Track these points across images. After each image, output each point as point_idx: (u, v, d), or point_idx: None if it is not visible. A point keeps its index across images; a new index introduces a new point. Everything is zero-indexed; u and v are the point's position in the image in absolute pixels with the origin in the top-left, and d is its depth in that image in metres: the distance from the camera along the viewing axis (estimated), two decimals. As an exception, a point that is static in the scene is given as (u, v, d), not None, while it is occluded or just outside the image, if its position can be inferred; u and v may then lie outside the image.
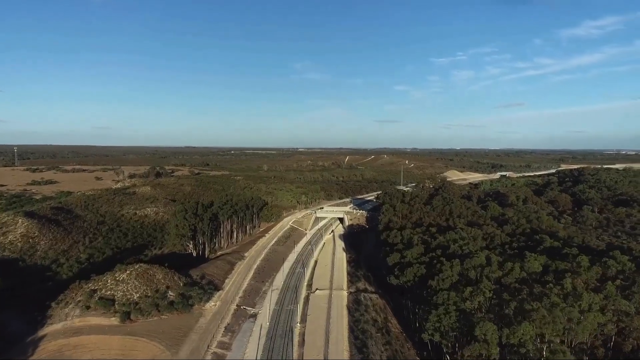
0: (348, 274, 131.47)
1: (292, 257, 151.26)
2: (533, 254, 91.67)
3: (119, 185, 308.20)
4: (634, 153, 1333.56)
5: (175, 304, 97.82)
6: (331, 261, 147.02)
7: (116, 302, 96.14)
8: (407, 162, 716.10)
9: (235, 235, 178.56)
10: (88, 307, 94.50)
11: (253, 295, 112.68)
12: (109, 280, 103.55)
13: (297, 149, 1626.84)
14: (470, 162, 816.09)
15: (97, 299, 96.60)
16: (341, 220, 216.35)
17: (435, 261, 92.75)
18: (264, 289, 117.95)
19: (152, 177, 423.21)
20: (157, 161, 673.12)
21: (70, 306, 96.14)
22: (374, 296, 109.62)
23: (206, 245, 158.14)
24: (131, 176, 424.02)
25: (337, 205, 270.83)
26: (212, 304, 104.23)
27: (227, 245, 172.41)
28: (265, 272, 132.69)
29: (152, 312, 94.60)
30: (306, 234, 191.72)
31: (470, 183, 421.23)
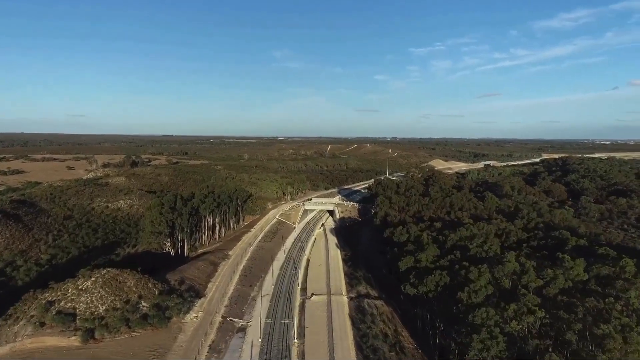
0: (345, 274, 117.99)
1: (281, 256, 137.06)
2: (565, 255, 79.35)
3: (90, 175, 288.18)
4: (609, 142, 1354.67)
5: (149, 318, 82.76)
6: (325, 259, 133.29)
7: (78, 317, 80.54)
8: (390, 151, 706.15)
9: (217, 231, 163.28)
10: (43, 324, 78.71)
11: (240, 303, 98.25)
12: (69, 290, 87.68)
13: (277, 137, 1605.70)
14: (452, 151, 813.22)
15: (54, 313, 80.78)
16: (331, 212, 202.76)
17: (457, 266, 79.71)
18: (252, 295, 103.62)
19: (128, 166, 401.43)
20: (133, 150, 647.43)
21: (21, 323, 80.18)
22: (378, 303, 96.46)
23: (186, 243, 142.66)
24: (105, 165, 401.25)
25: (325, 196, 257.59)
26: (194, 315, 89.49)
27: (209, 241, 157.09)
28: (253, 273, 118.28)
29: (122, 329, 79.38)
30: (295, 228, 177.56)
31: (457, 172, 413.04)
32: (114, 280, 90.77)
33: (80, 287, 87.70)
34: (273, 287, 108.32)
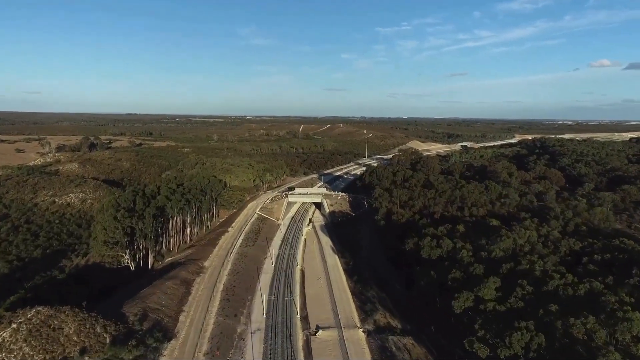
0: (353, 294, 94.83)
1: (268, 266, 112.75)
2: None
3: (38, 161, 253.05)
4: (572, 123, 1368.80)
5: (95, 387, 57.50)
6: (323, 271, 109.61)
7: (-15, 394, 54.59)
8: (365, 131, 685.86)
9: (188, 232, 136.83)
10: None
11: (225, 346, 73.52)
12: (-22, 345, 61.05)
13: (245, 117, 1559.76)
14: (425, 131, 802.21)
15: (-52, 388, 54.51)
16: (317, 205, 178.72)
17: (541, 311, 57.51)
18: (239, 331, 79.06)
19: (85, 149, 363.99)
20: (93, 130, 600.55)
21: None
22: (407, 342, 73.85)
23: (149, 252, 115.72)
24: (59, 148, 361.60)
25: (306, 183, 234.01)
26: (161, 373, 64.61)
27: (179, 246, 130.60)
28: (237, 295, 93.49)
29: (52, 411, 53.98)
30: (279, 225, 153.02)
31: (437, 154, 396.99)
32: (45, 326, 64.43)
33: (-7, 341, 61.15)
34: (265, 316, 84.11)
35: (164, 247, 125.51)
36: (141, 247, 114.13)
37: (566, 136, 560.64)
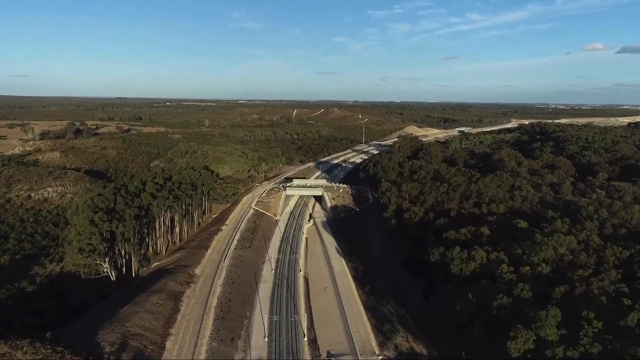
0: (367, 309, 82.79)
1: (267, 272, 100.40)
2: None
3: (17, 150, 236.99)
4: (565, 107, 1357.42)
5: None
6: (330, 278, 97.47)
7: None
8: (360, 116, 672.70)
9: (177, 231, 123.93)
10: None
11: (220, 382, 61.52)
12: None
13: (237, 100, 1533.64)
14: (420, 116, 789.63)
15: None
16: (317, 198, 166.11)
17: None
18: (236, 361, 66.87)
19: (70, 135, 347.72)
20: (80, 115, 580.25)
21: None
22: (438, 375, 62.28)
23: (133, 257, 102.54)
24: (43, 134, 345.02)
25: (303, 172, 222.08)
26: None
27: (167, 248, 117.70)
28: (233, 311, 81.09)
29: None
30: (277, 221, 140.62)
31: (436, 140, 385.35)
32: (-5, 369, 51.94)
33: None
34: (266, 339, 71.84)
35: (150, 249, 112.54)
36: (123, 253, 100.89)
37: (563, 121, 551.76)
